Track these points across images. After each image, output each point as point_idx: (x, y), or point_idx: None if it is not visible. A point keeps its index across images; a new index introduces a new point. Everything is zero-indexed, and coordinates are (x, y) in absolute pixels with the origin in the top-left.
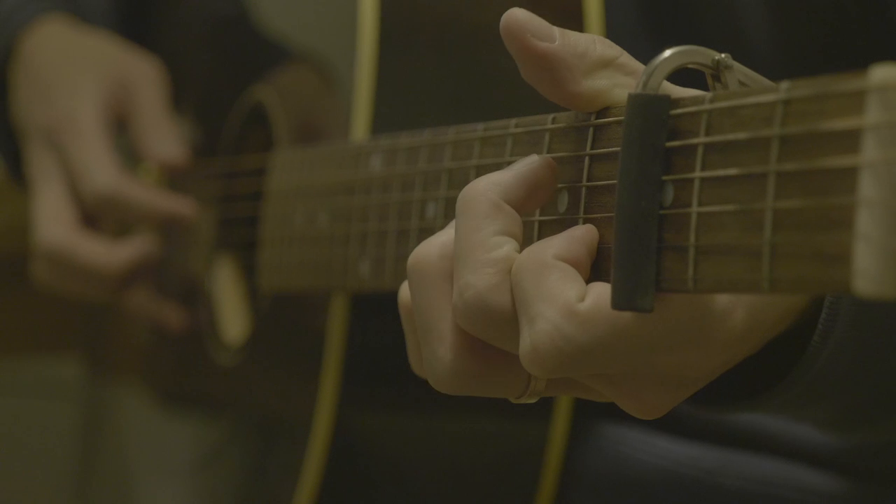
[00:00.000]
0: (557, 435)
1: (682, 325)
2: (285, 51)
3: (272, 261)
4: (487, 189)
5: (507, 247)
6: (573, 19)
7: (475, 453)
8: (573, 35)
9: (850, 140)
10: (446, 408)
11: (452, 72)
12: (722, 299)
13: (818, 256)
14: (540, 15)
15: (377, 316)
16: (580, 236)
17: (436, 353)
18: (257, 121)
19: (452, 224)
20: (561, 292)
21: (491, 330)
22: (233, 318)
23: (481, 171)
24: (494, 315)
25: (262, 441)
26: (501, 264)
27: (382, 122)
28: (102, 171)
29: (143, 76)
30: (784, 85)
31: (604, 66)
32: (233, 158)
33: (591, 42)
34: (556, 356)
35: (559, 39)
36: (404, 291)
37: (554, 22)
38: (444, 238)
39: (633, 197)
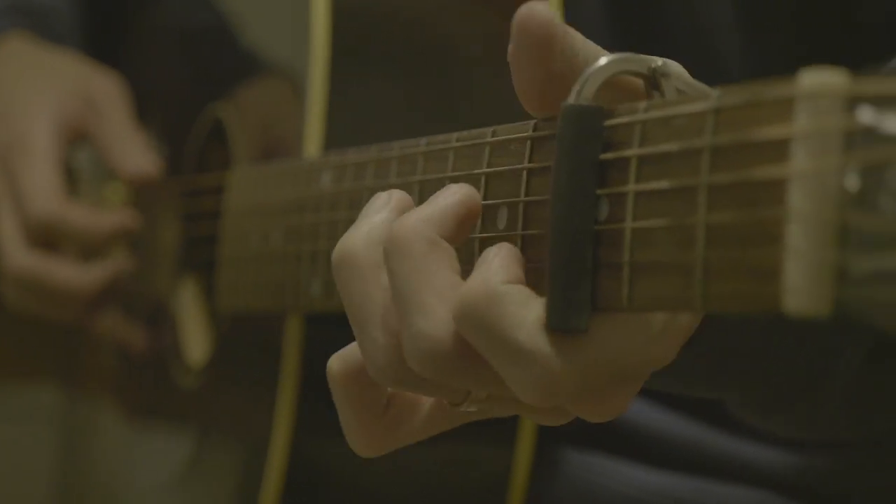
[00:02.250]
0: (521, 461)
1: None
2: (247, 66)
3: (229, 281)
4: (418, 227)
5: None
6: None
7: (437, 479)
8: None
9: (779, 149)
10: None
11: (406, 85)
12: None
13: (750, 273)
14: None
15: (334, 335)
16: (515, 254)
17: (376, 343)
18: (218, 138)
19: (367, 216)
20: (525, 318)
21: (456, 376)
22: (195, 340)
23: (425, 186)
24: (458, 359)
25: (224, 467)
26: (452, 303)
27: (336, 137)
28: (40, 196)
29: (107, 92)
30: (715, 93)
31: None
32: (195, 176)
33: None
34: (557, 391)
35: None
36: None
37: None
38: (364, 228)
39: (566, 212)
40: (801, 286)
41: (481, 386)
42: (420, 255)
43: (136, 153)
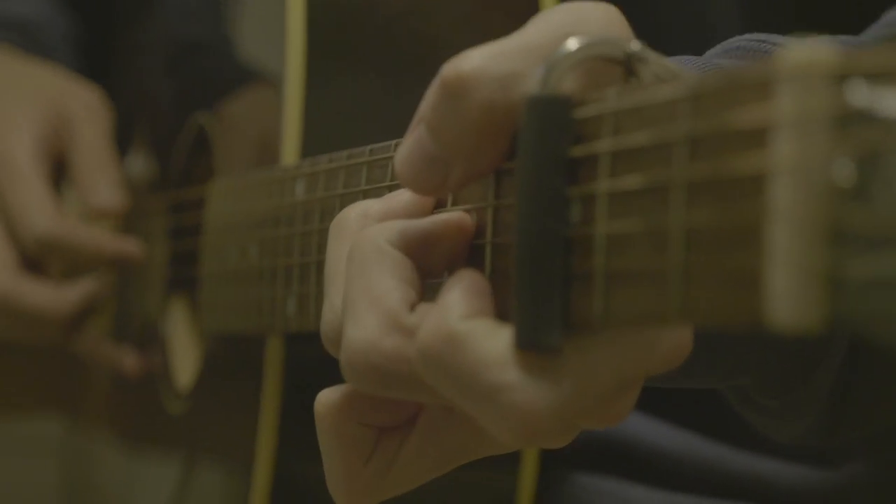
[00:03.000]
0: (526, 485)
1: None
2: (232, 77)
3: (211, 300)
4: (372, 233)
5: (396, 294)
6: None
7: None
8: None
9: (758, 137)
10: None
11: (386, 86)
12: None
13: (732, 280)
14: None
15: (317, 355)
16: (474, 283)
17: (333, 306)
18: (203, 149)
19: (379, 199)
20: (490, 353)
21: (390, 389)
22: (184, 363)
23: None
24: (385, 375)
25: (211, 493)
26: (389, 314)
27: (314, 143)
28: (40, 215)
29: (85, 107)
30: (692, 78)
31: None
32: (180, 190)
33: None
34: (536, 428)
35: None
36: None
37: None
38: (365, 203)
39: (532, 216)
40: (787, 295)
41: (427, 397)
42: (363, 261)
43: (103, 187)
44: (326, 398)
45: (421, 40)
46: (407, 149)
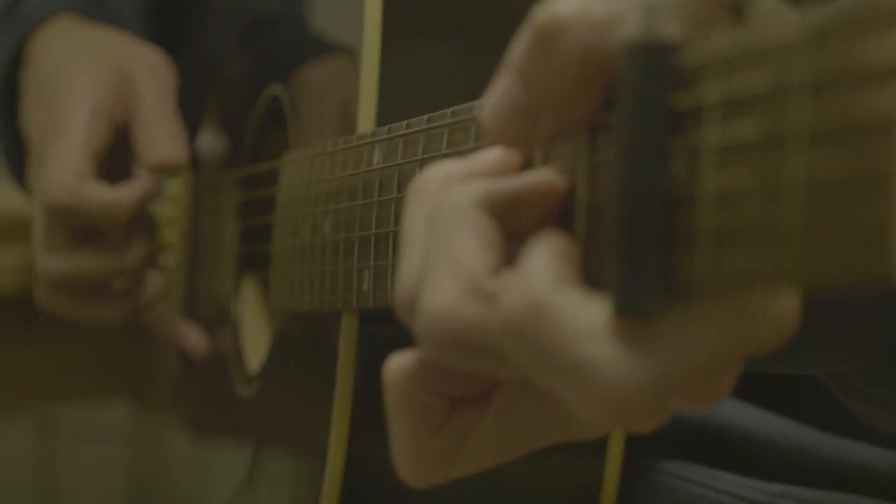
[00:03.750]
0: (612, 470)
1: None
2: (307, 48)
3: (281, 278)
4: (456, 194)
5: (480, 257)
6: None
7: (519, 490)
8: None
9: (893, 77)
10: None
11: (464, 53)
12: None
13: (858, 235)
14: None
15: (393, 334)
16: (560, 245)
17: (410, 267)
18: (276, 123)
19: (463, 161)
20: (584, 325)
21: (466, 359)
22: (255, 344)
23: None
24: (463, 344)
25: (281, 479)
26: (471, 279)
27: (391, 112)
28: (56, 179)
29: (147, 67)
30: (814, 13)
31: None
32: (252, 165)
33: None
34: (626, 408)
35: None
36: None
37: None
38: (447, 164)
39: (632, 172)
40: None
41: (506, 370)
42: (444, 223)
43: (163, 140)
44: (397, 363)
45: (500, 4)
46: (495, 98)
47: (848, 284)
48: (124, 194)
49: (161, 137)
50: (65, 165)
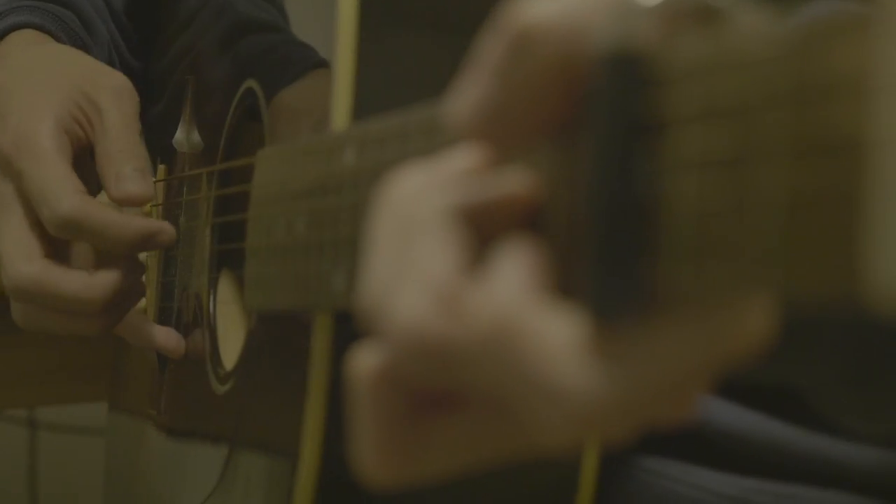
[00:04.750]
0: (588, 467)
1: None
2: (286, 50)
3: (255, 276)
4: (428, 201)
5: (449, 267)
6: None
7: (494, 489)
8: None
9: (856, 88)
10: None
11: (440, 48)
12: None
13: (836, 250)
14: None
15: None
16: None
17: (404, 298)
18: (252, 119)
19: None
20: (556, 339)
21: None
22: (231, 342)
23: None
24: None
25: (256, 477)
26: (439, 290)
27: (366, 108)
28: (64, 195)
29: (112, 92)
30: (790, 24)
31: None
32: (227, 161)
33: None
34: (595, 423)
35: None
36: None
37: None
38: (417, 167)
39: (604, 182)
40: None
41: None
42: (413, 229)
43: (129, 174)
44: (363, 362)
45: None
46: (469, 97)
47: (824, 301)
48: (136, 219)
49: (128, 171)
50: (62, 181)
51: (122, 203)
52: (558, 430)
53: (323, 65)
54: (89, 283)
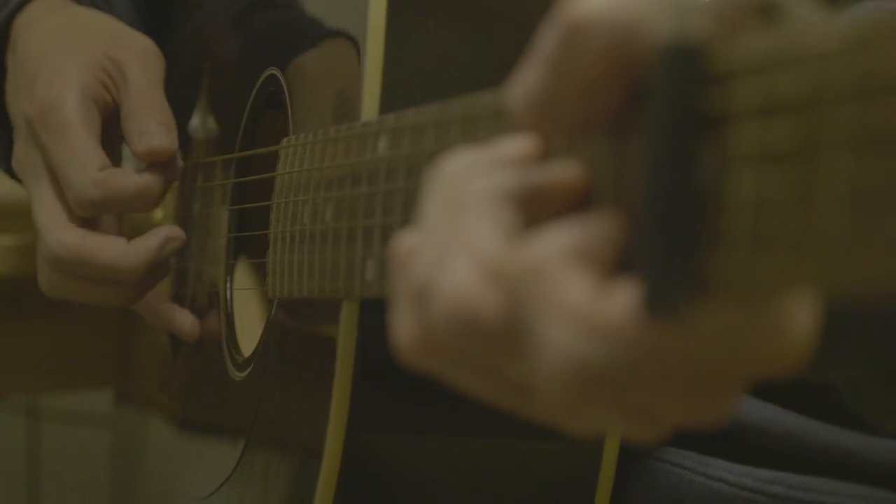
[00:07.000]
0: (608, 457)
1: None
2: (307, 31)
3: (279, 263)
4: (480, 184)
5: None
6: None
7: (515, 477)
8: None
9: None
10: (479, 425)
11: (471, 40)
12: None
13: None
14: None
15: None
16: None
17: (453, 275)
18: (275, 106)
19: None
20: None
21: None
22: (248, 328)
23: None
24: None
25: (274, 468)
26: (490, 268)
27: (395, 99)
28: (83, 174)
29: (136, 53)
30: (852, 22)
31: None
32: (248, 148)
33: None
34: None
35: None
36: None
37: None
38: (468, 151)
39: (661, 174)
40: None
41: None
42: (464, 212)
43: (153, 128)
44: (406, 332)
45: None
46: (524, 86)
47: (881, 295)
48: (153, 178)
49: (152, 125)
50: (84, 161)
51: (145, 158)
52: (551, 390)
53: (334, 34)
54: (127, 250)
